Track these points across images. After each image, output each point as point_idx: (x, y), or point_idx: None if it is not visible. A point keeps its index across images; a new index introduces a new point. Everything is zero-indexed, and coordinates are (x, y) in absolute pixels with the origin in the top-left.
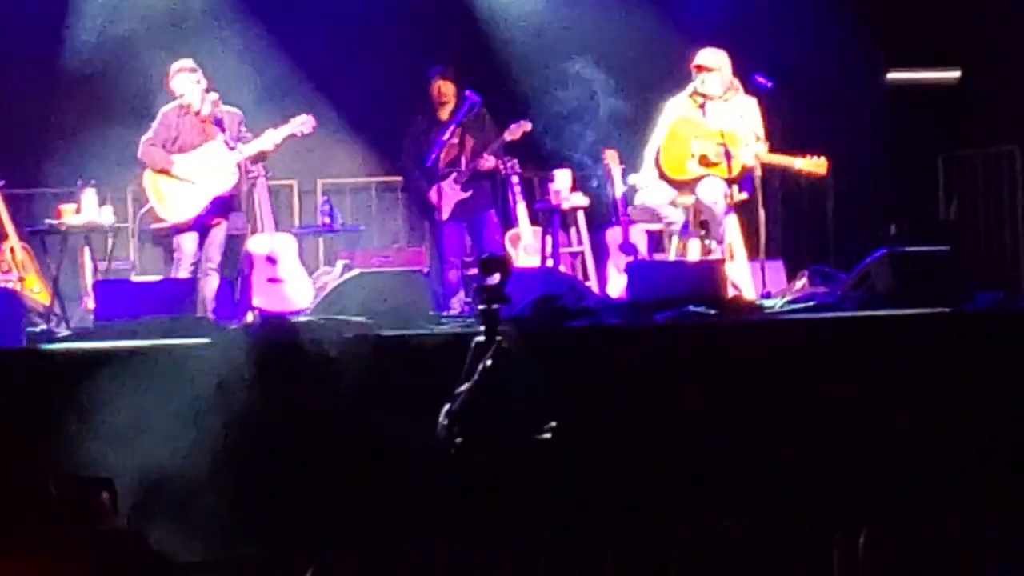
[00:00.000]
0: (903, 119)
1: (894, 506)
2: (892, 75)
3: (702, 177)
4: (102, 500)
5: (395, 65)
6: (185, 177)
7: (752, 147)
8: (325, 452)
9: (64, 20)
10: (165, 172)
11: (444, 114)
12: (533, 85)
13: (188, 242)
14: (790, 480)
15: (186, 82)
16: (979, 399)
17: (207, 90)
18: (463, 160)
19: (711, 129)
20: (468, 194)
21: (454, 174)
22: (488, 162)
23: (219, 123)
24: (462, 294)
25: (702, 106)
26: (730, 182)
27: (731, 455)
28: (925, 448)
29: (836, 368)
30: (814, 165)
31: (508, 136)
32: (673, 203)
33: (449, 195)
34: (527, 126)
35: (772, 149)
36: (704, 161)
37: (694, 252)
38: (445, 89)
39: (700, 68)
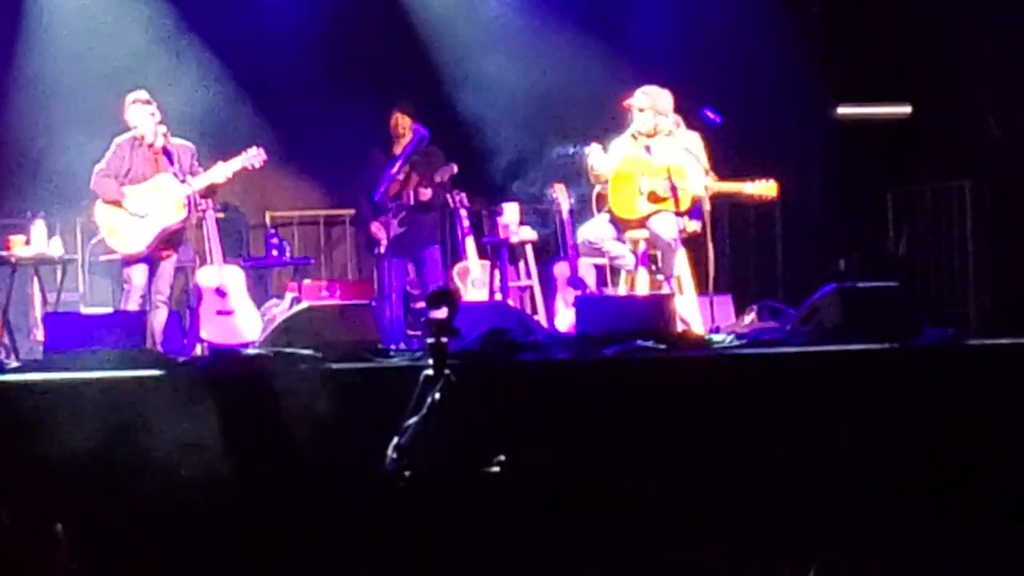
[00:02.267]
0: (853, 153)
1: (843, 539)
2: (843, 110)
3: (653, 213)
4: (56, 531)
5: (344, 99)
6: (136, 210)
7: (700, 179)
8: (272, 484)
9: (15, 50)
10: (116, 204)
11: (398, 148)
12: (480, 119)
13: (138, 274)
14: (740, 513)
15: (140, 113)
16: (927, 434)
17: (159, 122)
18: (405, 194)
19: (657, 165)
20: (404, 229)
21: (394, 207)
22: (424, 193)
23: (169, 155)
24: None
25: (647, 147)
26: (680, 215)
27: (680, 489)
28: (874, 482)
29: (784, 403)
30: (764, 188)
31: (437, 177)
32: (618, 238)
33: (391, 229)
34: (453, 168)
35: (720, 179)
36: (653, 197)
37: (643, 286)
38: (402, 122)
39: (629, 107)
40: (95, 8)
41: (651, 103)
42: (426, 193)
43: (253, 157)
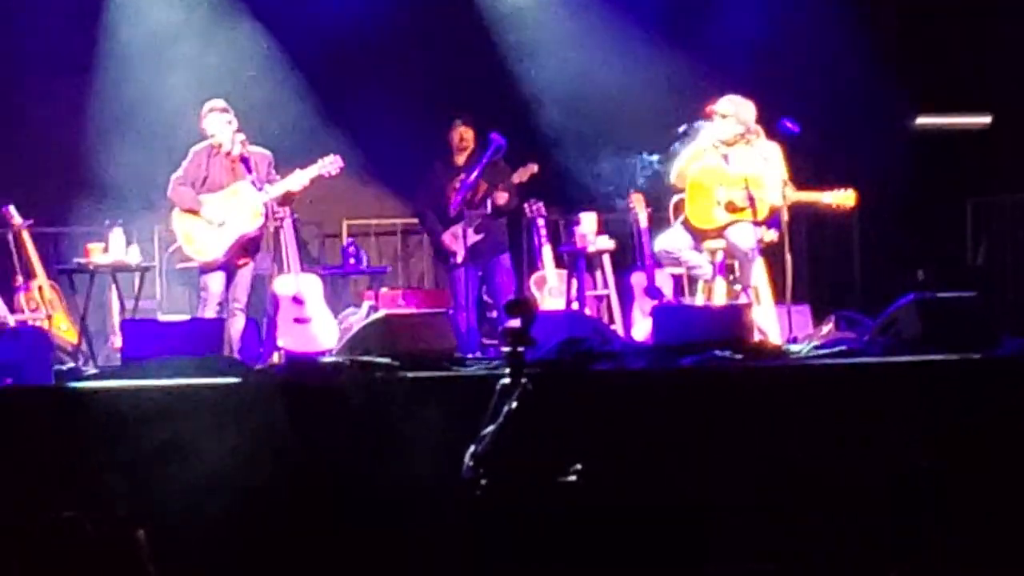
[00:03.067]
0: (932, 163)
1: (919, 552)
2: (922, 120)
3: (731, 223)
4: (138, 539)
5: (421, 109)
6: (213, 218)
7: (778, 188)
8: (350, 493)
9: (94, 60)
10: (193, 212)
11: (461, 159)
12: (557, 128)
13: (215, 282)
14: (814, 526)
15: (217, 122)
16: (1006, 445)
17: (237, 130)
18: (475, 203)
19: (735, 175)
20: (481, 237)
21: (468, 217)
22: (502, 197)
23: (246, 163)
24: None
25: (725, 156)
26: (758, 225)
27: (755, 500)
28: (950, 494)
29: (862, 414)
30: (843, 198)
31: (516, 178)
32: (696, 248)
33: (462, 239)
34: (534, 168)
35: (799, 189)
36: (730, 207)
37: (720, 296)
38: (466, 135)
39: (712, 113)
40: (174, 18)
41: (735, 111)
42: (503, 196)
43: (330, 164)
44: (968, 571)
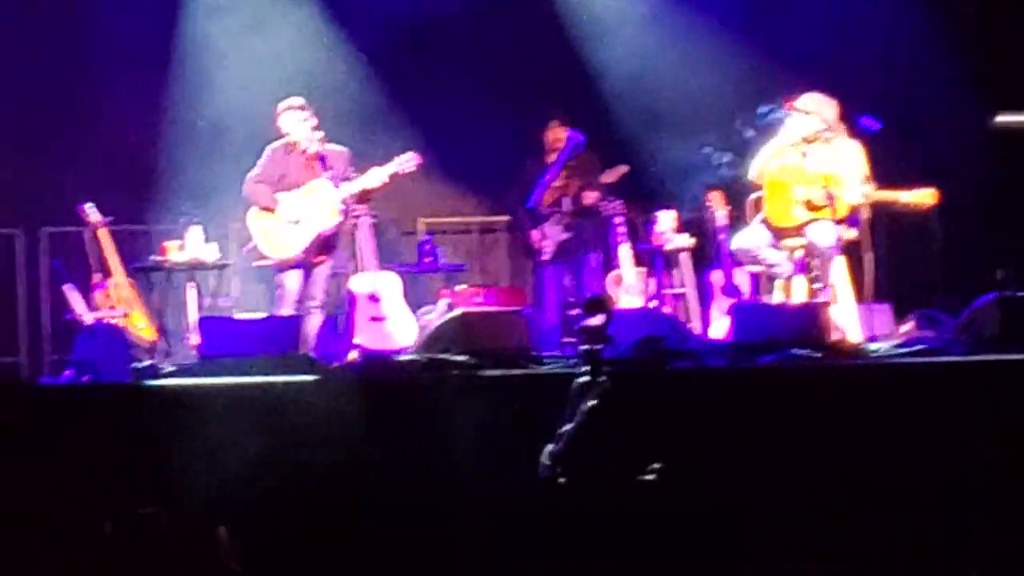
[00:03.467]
0: (1012, 161)
1: (998, 552)
2: (1001, 117)
3: (810, 221)
4: (219, 535)
5: (497, 106)
6: (289, 216)
7: (858, 187)
8: (425, 490)
9: (171, 57)
10: (270, 210)
11: (553, 158)
12: (637, 126)
13: (291, 279)
14: (894, 524)
15: (294, 120)
16: None
17: (313, 128)
18: (565, 201)
19: (814, 173)
20: (569, 235)
21: (556, 215)
22: (590, 196)
23: (323, 161)
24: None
25: (804, 153)
26: (838, 223)
27: (834, 498)
28: None
29: (942, 412)
30: (923, 196)
31: (605, 178)
32: (774, 245)
33: (552, 236)
34: (624, 169)
35: (879, 187)
36: (809, 205)
37: (799, 294)
38: (561, 135)
39: (795, 109)
40: (253, 15)
41: (817, 108)
42: (591, 196)
43: (407, 162)
44: None
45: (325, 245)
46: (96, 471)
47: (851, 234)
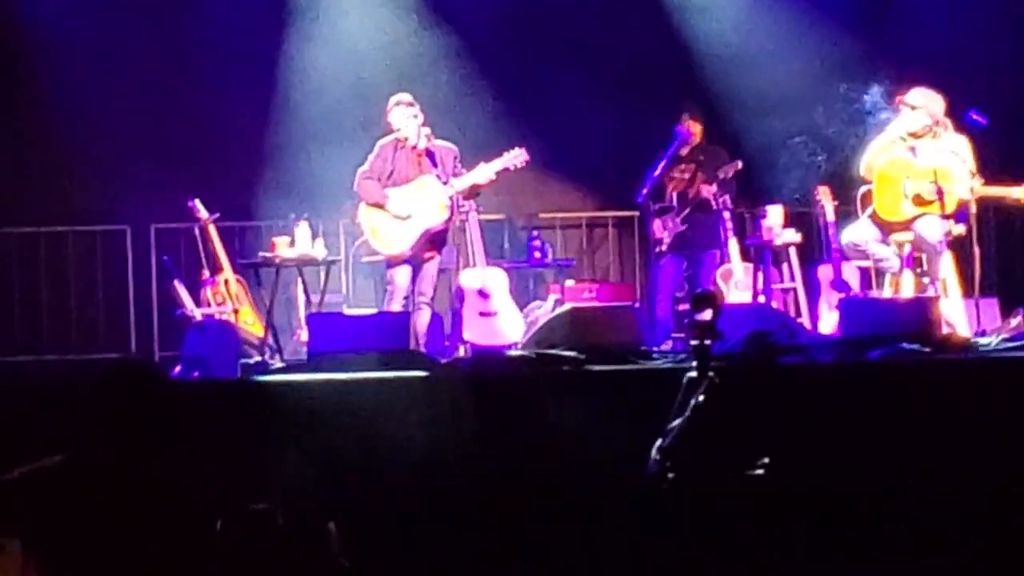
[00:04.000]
0: None
1: None
2: None
3: (918, 216)
4: (329, 530)
5: (605, 101)
6: (399, 212)
7: (966, 181)
8: (534, 486)
9: (280, 55)
10: (379, 206)
11: (684, 151)
12: (746, 119)
13: (401, 275)
14: (1004, 519)
15: (403, 116)
16: None
17: (422, 124)
18: (690, 194)
19: (922, 168)
20: (687, 227)
21: (675, 207)
22: (708, 190)
23: (432, 157)
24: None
25: (912, 148)
26: (946, 218)
27: (945, 494)
28: None
29: None
30: None
31: (721, 174)
32: (883, 240)
33: (672, 228)
34: (739, 165)
35: (986, 183)
36: (918, 200)
37: (908, 289)
38: (694, 128)
39: (903, 104)
40: (362, 14)
41: (925, 103)
42: (709, 189)
43: (515, 157)
44: None
45: (434, 241)
46: (207, 468)
47: (959, 229)
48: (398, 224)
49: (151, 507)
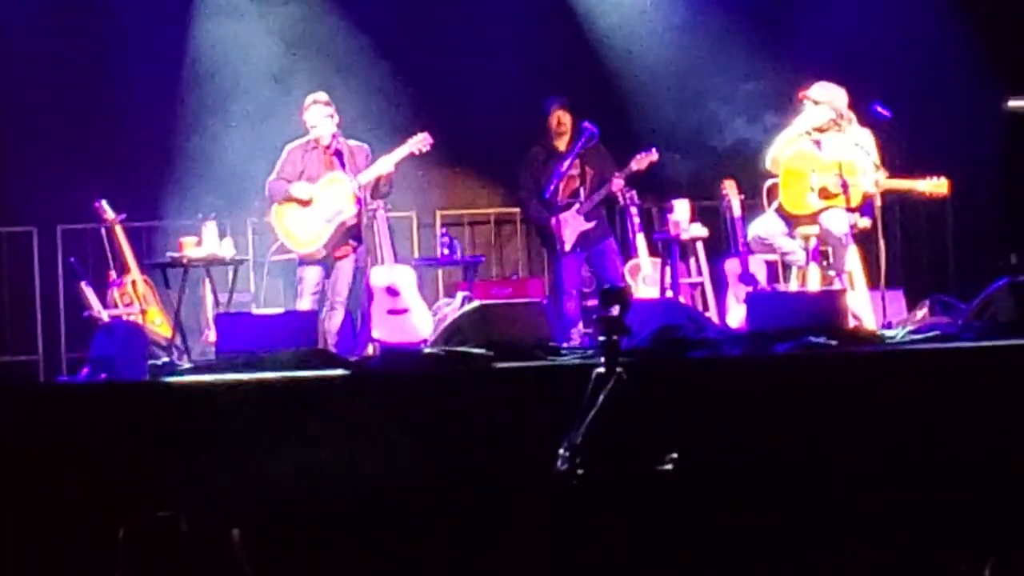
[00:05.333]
0: None
1: (1020, 537)
2: (1013, 102)
3: (824, 209)
4: (233, 538)
5: (511, 96)
6: (312, 208)
7: (871, 175)
8: (443, 484)
9: (186, 53)
10: (289, 199)
11: (561, 145)
12: (650, 115)
13: (311, 273)
14: (913, 511)
15: (319, 114)
16: None
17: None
18: (583, 191)
19: (828, 161)
20: (591, 225)
21: (577, 205)
22: (617, 184)
23: (339, 155)
24: (580, 325)
25: (817, 142)
26: (852, 211)
27: (852, 486)
28: None
29: (958, 398)
30: (935, 186)
31: (635, 165)
32: (789, 234)
33: (572, 226)
34: (654, 156)
35: (891, 175)
36: (824, 193)
37: (814, 282)
38: (564, 120)
39: (807, 99)
40: (263, 10)
41: (828, 97)
42: (619, 183)
43: (420, 142)
44: None
45: (348, 238)
46: (112, 471)
47: (865, 222)
48: (310, 222)
49: (51, 514)
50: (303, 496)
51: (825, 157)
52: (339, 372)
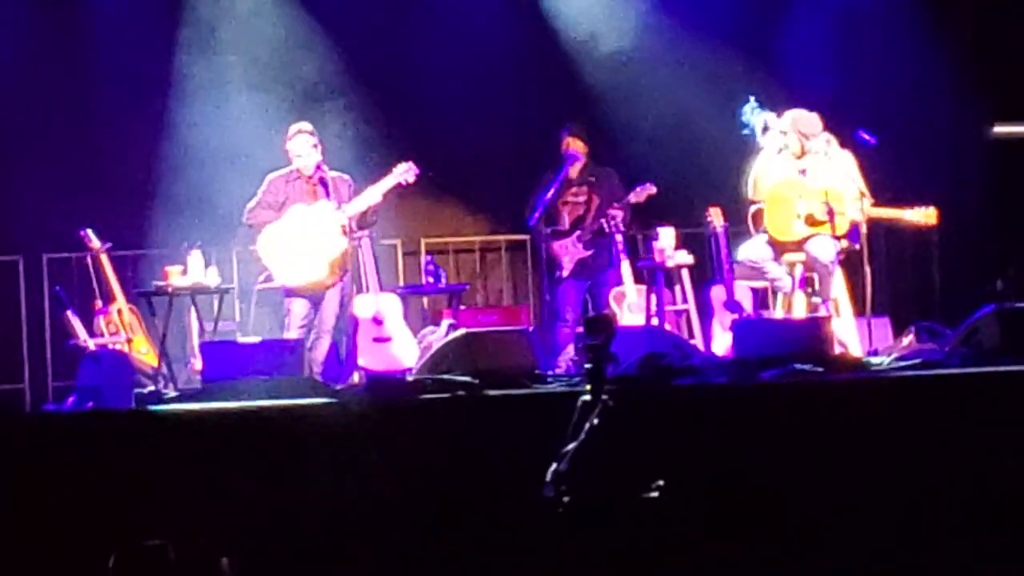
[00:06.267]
0: (1010, 173)
1: (1005, 563)
2: (999, 129)
3: (810, 236)
4: (222, 566)
5: (496, 124)
6: (297, 240)
7: (857, 202)
8: (430, 510)
9: (170, 82)
10: (275, 228)
11: (573, 171)
12: (634, 141)
13: (298, 305)
14: (898, 537)
15: (303, 144)
16: None
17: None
18: (588, 218)
19: (814, 188)
20: (590, 253)
21: (578, 232)
22: (617, 215)
23: (325, 187)
24: (570, 351)
25: (803, 170)
26: (838, 239)
27: (838, 513)
28: None
29: (943, 425)
30: (923, 215)
31: (633, 198)
32: (776, 260)
33: (571, 253)
34: (652, 189)
35: (877, 203)
36: (810, 220)
37: (800, 309)
38: (573, 145)
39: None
40: (250, 40)
41: (792, 125)
42: (619, 214)
43: (405, 172)
44: None
45: (334, 269)
46: (99, 500)
47: (854, 247)
48: (300, 254)
49: (38, 543)
50: (290, 523)
51: (811, 184)
52: (325, 400)
